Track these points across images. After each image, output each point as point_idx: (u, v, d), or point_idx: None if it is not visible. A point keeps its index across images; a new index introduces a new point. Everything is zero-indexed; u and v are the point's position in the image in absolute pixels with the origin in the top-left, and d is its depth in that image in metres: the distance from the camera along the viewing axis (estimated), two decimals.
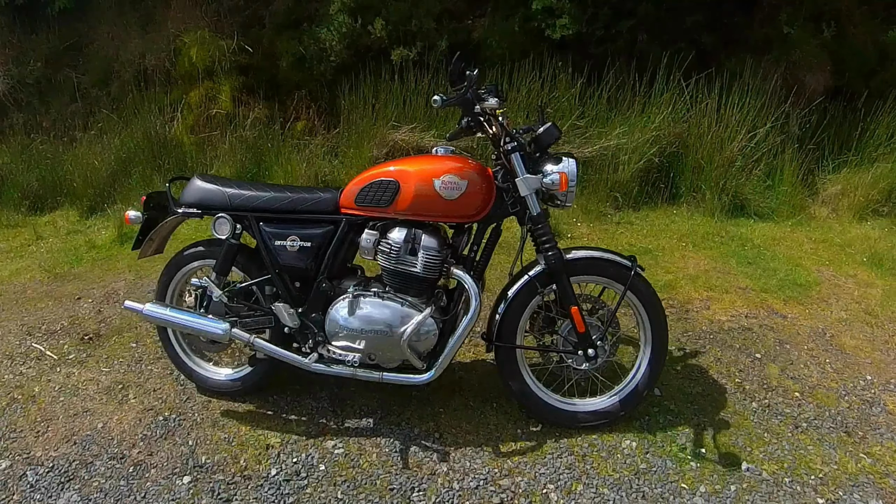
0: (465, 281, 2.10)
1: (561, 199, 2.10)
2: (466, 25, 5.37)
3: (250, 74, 5.05)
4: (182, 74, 4.92)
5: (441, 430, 2.29)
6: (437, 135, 4.33)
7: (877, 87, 4.43)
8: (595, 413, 2.24)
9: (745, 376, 2.64)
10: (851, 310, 3.19)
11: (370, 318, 2.15)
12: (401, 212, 2.11)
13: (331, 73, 5.04)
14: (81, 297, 3.38)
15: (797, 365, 2.74)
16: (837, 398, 2.55)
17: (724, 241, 3.87)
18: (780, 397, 2.53)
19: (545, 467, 2.11)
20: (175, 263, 2.47)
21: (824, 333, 2.98)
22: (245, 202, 2.26)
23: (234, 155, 4.47)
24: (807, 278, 3.46)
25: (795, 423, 2.39)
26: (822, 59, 4.64)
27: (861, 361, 2.79)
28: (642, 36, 4.91)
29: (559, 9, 4.75)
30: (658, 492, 2.04)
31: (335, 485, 2.08)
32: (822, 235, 4.04)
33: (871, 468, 2.19)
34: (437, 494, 2.01)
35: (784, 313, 3.12)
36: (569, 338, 2.17)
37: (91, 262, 3.84)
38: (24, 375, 2.71)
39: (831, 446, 2.28)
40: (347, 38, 4.92)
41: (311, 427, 2.35)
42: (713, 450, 2.23)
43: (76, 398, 2.55)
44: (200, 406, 2.49)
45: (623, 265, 2.15)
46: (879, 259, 3.68)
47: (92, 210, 4.41)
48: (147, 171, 4.48)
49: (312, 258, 2.23)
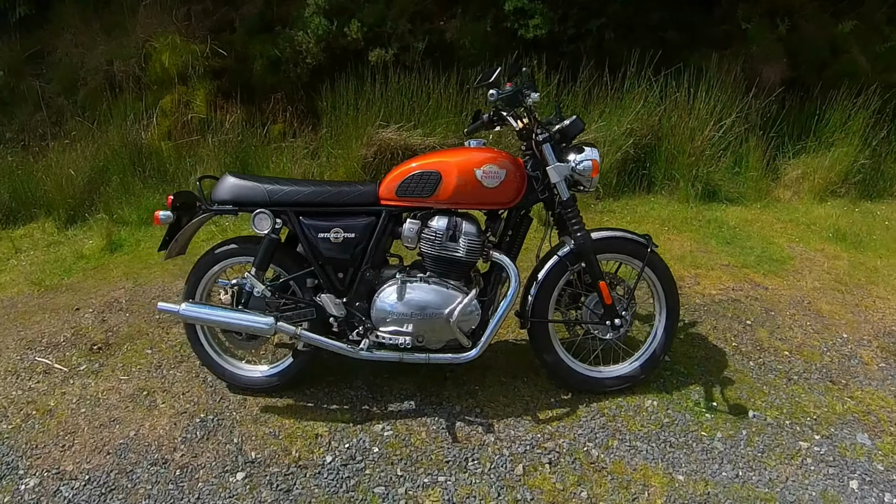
0: (504, 263, 2.38)
1: (586, 184, 2.42)
2: (439, 26, 5.69)
3: (224, 78, 5.22)
4: (153, 80, 5.04)
5: (480, 405, 2.57)
6: (424, 133, 4.62)
7: (829, 77, 5.00)
8: (619, 378, 2.60)
9: (740, 340, 3.05)
10: (823, 279, 3.67)
11: (420, 302, 2.35)
12: (442, 201, 2.34)
13: (307, 76, 5.26)
14: (80, 307, 3.44)
15: (783, 328, 3.17)
16: (820, 354, 3.00)
17: (702, 224, 4.33)
18: (772, 356, 2.95)
19: (582, 429, 2.44)
20: (205, 263, 2.55)
21: (802, 301, 3.43)
22: (285, 197, 2.39)
23: (217, 159, 4.63)
24: (781, 254, 3.94)
25: (788, 377, 2.82)
26: (777, 53, 5.20)
27: (837, 323, 3.26)
28: (609, 34, 5.35)
29: (531, 9, 5.14)
30: (682, 440, 2.41)
31: (392, 463, 2.29)
32: (788, 216, 4.55)
33: (855, 408, 2.64)
34: (491, 461, 2.29)
35: (765, 285, 3.57)
36: (595, 310, 2.51)
37: (82, 273, 3.92)
38: (35, 390, 2.73)
39: (820, 393, 2.72)
40: (323, 40, 5.16)
41: (356, 414, 2.53)
42: (722, 402, 2.62)
43: (99, 409, 2.60)
44: (237, 405, 2.60)
45: (640, 243, 2.50)
46: (842, 235, 4.21)
47: (71, 220, 4.47)
48: (127, 177, 4.58)
49: (356, 249, 2.39)
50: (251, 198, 2.41)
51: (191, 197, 2.52)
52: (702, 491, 2.19)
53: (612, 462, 2.29)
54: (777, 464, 2.33)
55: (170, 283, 3.64)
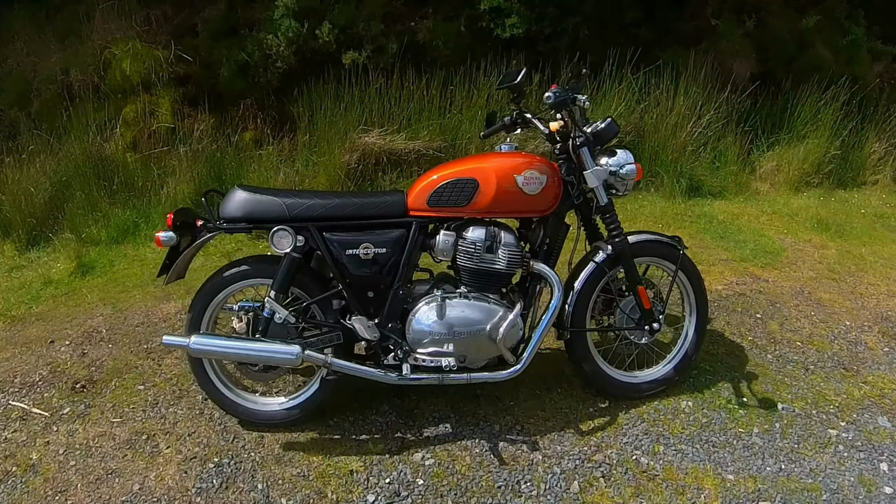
0: (546, 273, 2.32)
1: (620, 188, 2.40)
2: (410, 27, 5.63)
3: (189, 85, 5.01)
4: (114, 88, 4.79)
5: (520, 421, 2.50)
6: (408, 137, 4.56)
7: (797, 71, 5.22)
8: (655, 381, 2.61)
9: (754, 334, 3.13)
10: (817, 269, 3.81)
11: (462, 319, 2.23)
12: (479, 210, 2.24)
13: (277, 81, 5.11)
14: (54, 340, 3.11)
15: (791, 320, 3.27)
16: (829, 342, 3.11)
17: (693, 219, 4.43)
18: (787, 347, 3.04)
19: (626, 437, 2.44)
20: (213, 287, 2.34)
21: (802, 291, 3.55)
22: (306, 211, 2.22)
23: (190, 170, 4.43)
24: (773, 246, 4.07)
25: (805, 367, 2.91)
26: (747, 48, 5.39)
27: (838, 311, 3.39)
28: (584, 32, 5.42)
29: (507, 8, 5.15)
30: (723, 439, 2.45)
31: (441, 496, 2.16)
32: (771, 208, 4.71)
33: (871, 393, 2.76)
34: (545, 481, 2.23)
35: (765, 278, 3.67)
36: (631, 315, 2.50)
37: (52, 300, 3.65)
38: (12, 441, 2.40)
39: (837, 381, 2.83)
40: (294, 43, 5.02)
41: (390, 443, 2.38)
42: (752, 397, 2.68)
43: (92, 459, 2.30)
44: (253, 444, 2.37)
45: (672, 245, 2.51)
46: (825, 224, 4.39)
47: (33, 241, 4.19)
48: (92, 193, 4.33)
49: (387, 265, 2.26)
50: (267, 213, 2.23)
51: (190, 215, 2.32)
52: (752, 488, 2.23)
53: (663, 468, 2.29)
54: (814, 453, 2.41)
55: (153, 308, 3.42)
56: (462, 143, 4.65)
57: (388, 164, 4.52)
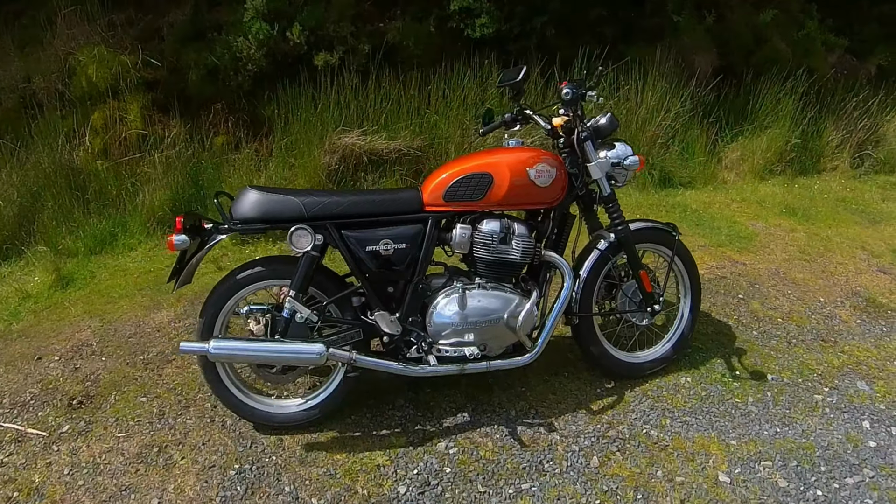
0: (557, 262, 2.46)
1: (620, 179, 2.56)
2: (379, 28, 5.72)
3: (158, 90, 4.98)
4: (80, 96, 4.73)
5: (533, 406, 2.63)
6: (388, 137, 4.64)
7: (756, 64, 5.52)
8: (655, 360, 2.79)
9: (739, 314, 3.34)
10: (789, 251, 4.06)
11: (482, 309, 2.34)
12: (493, 203, 2.35)
13: (248, 84, 5.12)
14: (41, 356, 3.03)
15: (770, 299, 3.50)
16: (807, 317, 3.35)
17: (668, 209, 4.65)
18: (769, 324, 3.27)
19: (634, 413, 2.60)
20: (225, 291, 2.34)
21: (778, 272, 3.79)
22: (324, 210, 2.25)
23: (167, 176, 4.42)
24: (746, 231, 4.32)
25: (787, 341, 3.15)
26: (707, 43, 5.66)
27: (812, 289, 3.63)
28: (551, 31, 5.61)
29: (477, 8, 5.30)
30: (722, 409, 2.64)
31: (470, 481, 2.25)
32: (739, 195, 4.98)
33: (849, 361, 3.02)
34: (565, 459, 2.36)
35: (742, 261, 3.90)
36: (633, 298, 2.66)
37: (33, 315, 3.57)
38: (10, 465, 2.32)
39: (817, 352, 3.08)
40: (265, 45, 5.05)
41: (411, 436, 2.44)
42: (743, 370, 2.89)
43: (102, 477, 2.25)
44: (273, 447, 2.38)
45: (668, 231, 2.68)
46: (792, 209, 4.67)
47: (4, 255, 4.10)
48: (64, 203, 4.27)
49: (407, 260, 2.32)
50: (284, 213, 2.25)
51: (198, 217, 2.33)
52: (754, 450, 2.43)
53: (672, 439, 2.46)
54: (804, 417, 2.63)
55: (144, 318, 3.38)
56: (441, 142, 4.76)
57: (370, 165, 4.60)
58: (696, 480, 2.26)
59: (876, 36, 6.02)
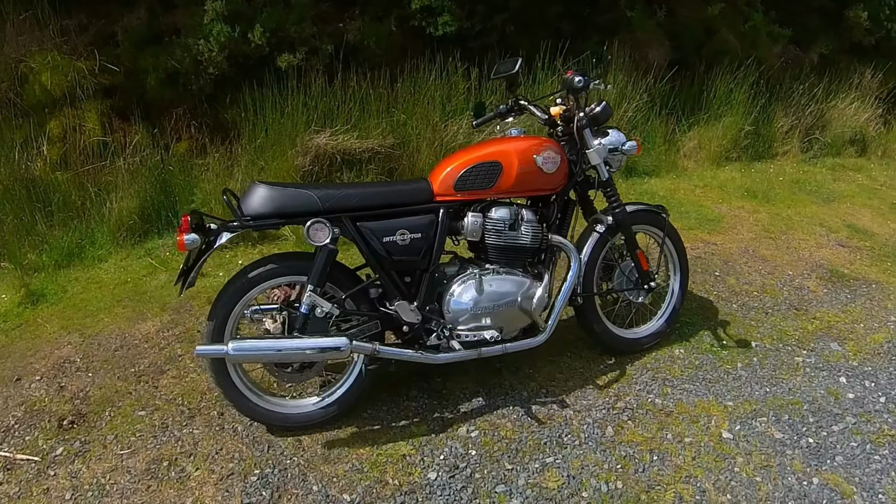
0: (565, 245, 2.60)
1: (614, 164, 2.75)
2: (339, 28, 5.80)
3: (116, 96, 4.92)
4: (33, 104, 4.64)
5: (543, 385, 2.78)
6: (360, 137, 4.72)
7: (707, 56, 5.85)
8: (651, 335, 3.00)
9: (718, 290, 3.59)
10: (755, 231, 4.36)
11: (498, 293, 2.44)
12: (502, 191, 2.46)
13: (210, 87, 5.12)
14: (20, 377, 2.91)
15: (743, 274, 3.77)
16: (780, 290, 3.63)
17: (637, 196, 4.90)
18: (747, 297, 3.53)
19: (637, 385, 2.80)
20: (237, 290, 2.32)
21: (748, 250, 4.07)
22: (339, 202, 2.28)
23: (135, 184, 4.38)
24: (713, 214, 4.60)
25: (764, 311, 3.42)
26: (660, 37, 5.97)
27: (780, 264, 3.92)
28: (510, 28, 5.81)
29: (439, 7, 5.44)
30: (716, 375, 2.87)
31: (496, 460, 2.36)
32: (701, 181, 5.28)
33: (821, 326, 3.33)
34: (583, 430, 2.53)
35: (714, 242, 4.17)
36: (630, 277, 2.84)
37: (4, 335, 3.39)
38: (2, 495, 2.21)
39: (792, 319, 3.37)
40: (226, 48, 5.06)
41: (431, 424, 2.52)
42: (729, 340, 3.13)
43: (110, 498, 2.16)
44: (291, 448, 2.38)
45: (658, 213, 2.87)
46: (752, 192, 5.00)
47: None
48: (25, 216, 4.17)
49: (423, 249, 2.39)
50: (300, 207, 2.27)
51: (202, 216, 2.32)
52: (749, 409, 2.67)
53: (675, 405, 2.66)
54: (789, 377, 2.90)
55: (128, 330, 3.29)
56: (412, 139, 4.87)
57: (343, 165, 4.67)
58: (703, 439, 2.47)
59: (817, 27, 6.48)
